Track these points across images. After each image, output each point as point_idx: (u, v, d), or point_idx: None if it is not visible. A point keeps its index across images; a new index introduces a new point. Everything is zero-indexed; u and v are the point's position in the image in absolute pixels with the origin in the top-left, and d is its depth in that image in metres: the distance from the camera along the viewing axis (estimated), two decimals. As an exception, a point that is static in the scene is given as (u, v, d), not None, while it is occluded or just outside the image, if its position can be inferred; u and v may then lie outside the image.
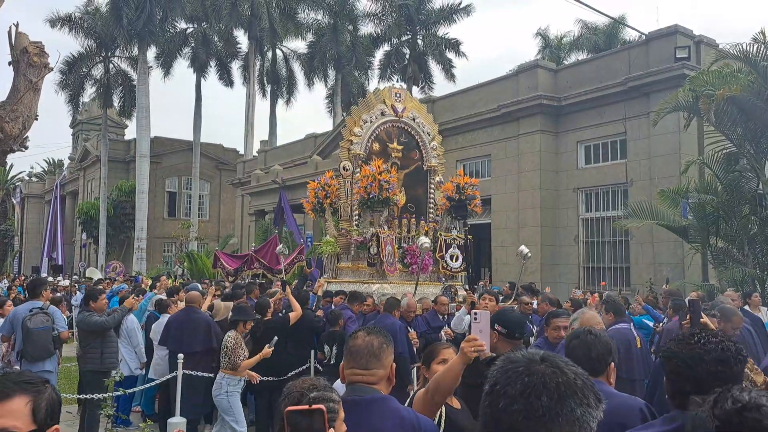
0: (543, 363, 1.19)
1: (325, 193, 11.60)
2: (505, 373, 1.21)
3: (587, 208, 18.03)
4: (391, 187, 10.58)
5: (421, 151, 12.04)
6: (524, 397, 1.14)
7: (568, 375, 1.16)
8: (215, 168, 42.90)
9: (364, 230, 10.98)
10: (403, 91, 12.32)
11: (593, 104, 17.36)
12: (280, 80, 39.21)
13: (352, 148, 11.37)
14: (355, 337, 2.56)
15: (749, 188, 12.08)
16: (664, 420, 1.84)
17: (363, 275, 10.88)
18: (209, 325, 7.61)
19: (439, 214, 11.88)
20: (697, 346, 1.80)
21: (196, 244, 32.10)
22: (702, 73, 12.10)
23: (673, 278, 14.06)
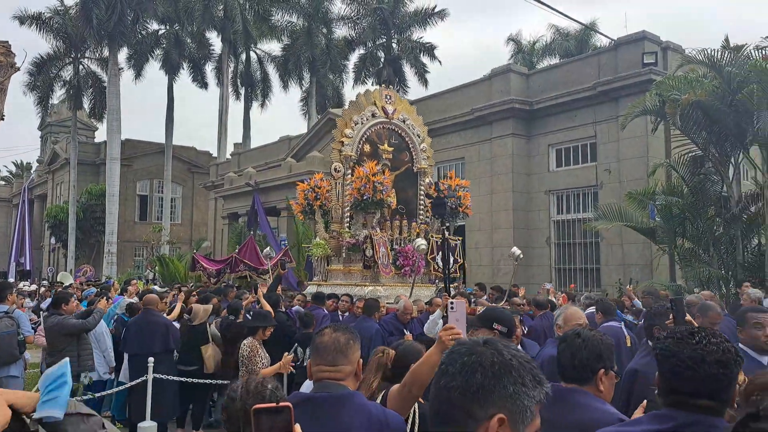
0: (484, 345, 1.26)
1: (315, 195, 11.52)
2: (450, 355, 1.28)
3: (558, 210, 18.28)
4: (384, 189, 10.60)
5: (411, 153, 12.07)
6: (461, 375, 1.20)
7: (504, 356, 1.23)
8: (188, 171, 42.46)
9: (357, 232, 10.95)
10: (393, 93, 12.38)
11: (564, 108, 17.62)
12: (255, 83, 39.00)
13: (343, 149, 11.33)
14: (321, 334, 2.58)
15: (714, 190, 12.38)
16: (655, 417, 1.81)
17: (355, 278, 10.81)
18: (167, 327, 7.58)
19: (430, 215, 11.92)
20: (699, 346, 1.76)
21: (168, 248, 31.71)
22: (668, 78, 12.38)
23: (641, 279, 14.33)
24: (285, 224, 23.32)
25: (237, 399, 2.13)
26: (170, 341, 7.56)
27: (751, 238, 12.28)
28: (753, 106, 10.61)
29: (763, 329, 3.75)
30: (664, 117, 12.43)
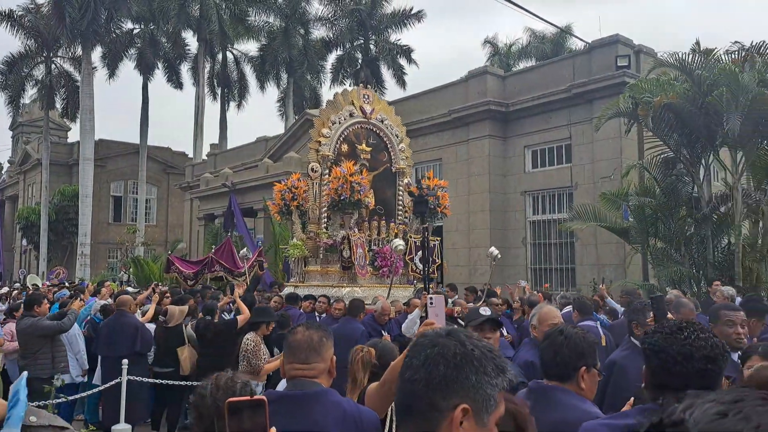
0: (447, 337, 1.26)
1: (291, 195, 11.34)
2: (414, 347, 1.29)
3: (534, 210, 18.45)
4: (362, 189, 10.52)
5: (390, 153, 12.01)
6: (425, 367, 1.22)
7: (466, 346, 1.24)
8: (163, 172, 41.99)
9: (334, 233, 10.86)
10: (371, 93, 12.31)
11: (540, 110, 17.79)
12: (231, 83, 38.73)
13: (320, 149, 11.23)
14: (294, 332, 2.58)
15: (685, 191, 12.61)
16: (641, 411, 1.82)
17: (332, 279, 10.74)
18: (136, 329, 7.50)
19: (408, 216, 11.88)
20: (687, 342, 1.77)
21: (143, 249, 31.31)
22: (641, 81, 12.58)
23: (615, 278, 14.53)
24: (262, 225, 23.20)
25: (207, 395, 2.12)
26: (137, 344, 7.47)
27: (721, 237, 12.53)
28: (722, 109, 10.83)
29: (734, 327, 3.83)
30: (636, 119, 12.64)
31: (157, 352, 7.75)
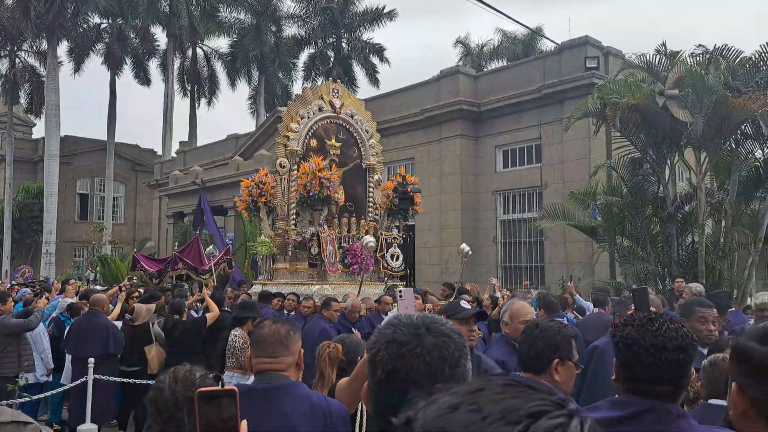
0: (429, 333, 1.17)
1: (259, 191, 11.07)
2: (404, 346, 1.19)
3: (505, 210, 18.63)
4: (331, 185, 10.33)
5: (360, 149, 11.82)
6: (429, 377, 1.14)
7: (452, 337, 1.18)
8: (131, 169, 41.30)
9: (303, 230, 10.66)
10: (341, 87, 12.07)
11: (510, 110, 17.97)
12: (201, 80, 38.26)
13: (288, 144, 11.02)
14: (261, 327, 2.57)
15: (651, 191, 12.86)
16: (613, 404, 1.82)
17: (301, 276, 10.57)
18: (107, 330, 7.38)
19: (379, 213, 11.72)
20: (659, 333, 1.78)
21: (110, 248, 30.75)
22: (609, 82, 12.79)
23: (583, 276, 14.76)
24: (232, 223, 22.99)
25: (165, 388, 2.09)
26: (110, 345, 7.36)
27: (685, 236, 12.81)
28: (687, 110, 11.07)
29: (706, 324, 3.93)
30: (605, 119, 12.84)
31: (124, 351, 7.63)
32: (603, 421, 1.80)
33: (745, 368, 1.25)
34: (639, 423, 1.72)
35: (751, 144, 12.16)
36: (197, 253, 15.03)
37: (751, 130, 11.65)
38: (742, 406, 1.24)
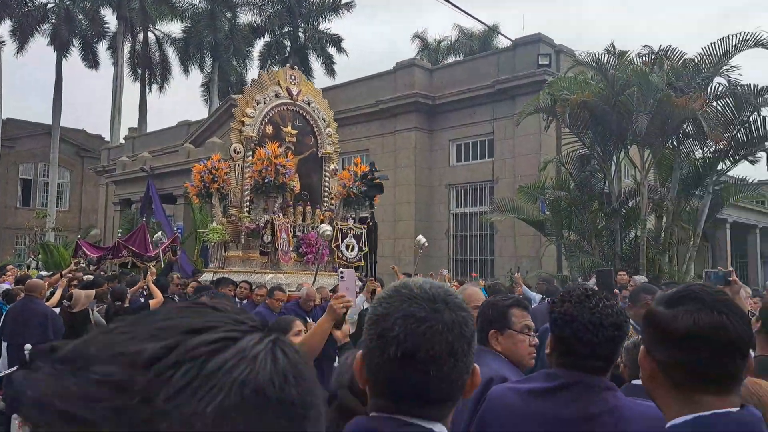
0: (441, 309, 1.07)
1: (212, 177, 10.79)
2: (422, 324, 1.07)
3: (458, 203, 18.84)
4: (288, 172, 10.16)
5: (316, 137, 11.66)
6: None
7: (465, 319, 1.09)
8: (77, 155, 39.97)
9: (257, 217, 10.44)
10: (298, 74, 11.86)
11: (465, 104, 18.15)
12: (153, 65, 37.26)
13: (244, 129, 10.76)
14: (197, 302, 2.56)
15: (598, 186, 13.23)
16: (546, 375, 1.86)
17: (254, 265, 10.37)
18: (46, 317, 7.14)
19: (334, 203, 11.61)
20: (596, 309, 1.80)
21: (54, 235, 29.72)
22: (559, 79, 13.08)
23: (531, 269, 15.06)
24: (182, 211, 22.53)
25: None
26: (49, 332, 7.11)
27: (629, 231, 13.22)
28: (633, 108, 11.41)
29: None
30: (555, 116, 13.11)
31: (62, 339, 7.39)
32: (534, 391, 1.85)
33: (651, 331, 1.29)
34: (566, 394, 1.77)
35: (692, 143, 12.63)
36: (143, 241, 14.71)
37: (693, 130, 12.09)
38: (649, 368, 1.28)
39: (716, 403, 1.20)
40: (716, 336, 1.20)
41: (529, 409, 1.82)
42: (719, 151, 12.29)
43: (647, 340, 1.32)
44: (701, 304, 1.22)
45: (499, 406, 1.91)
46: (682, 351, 1.21)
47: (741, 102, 11.64)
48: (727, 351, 1.20)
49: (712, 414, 1.19)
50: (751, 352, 3.42)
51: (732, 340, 1.20)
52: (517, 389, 1.91)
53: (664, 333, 1.25)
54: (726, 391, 1.22)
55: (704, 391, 1.21)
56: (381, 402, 1.06)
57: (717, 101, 12.09)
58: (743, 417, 1.20)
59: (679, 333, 1.22)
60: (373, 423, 1.05)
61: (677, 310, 1.24)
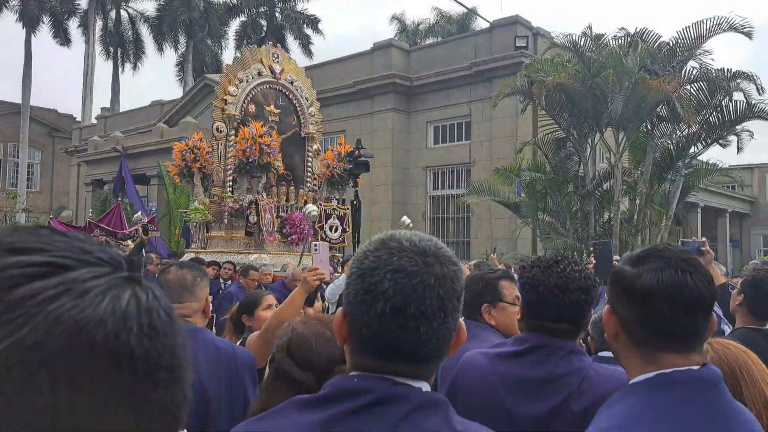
0: (432, 260, 1.00)
1: (194, 156, 10.62)
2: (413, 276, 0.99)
3: (435, 186, 18.86)
4: (272, 152, 10.02)
5: (299, 117, 11.51)
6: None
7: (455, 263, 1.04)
8: (48, 135, 39.09)
9: (240, 197, 10.32)
10: (281, 52, 11.68)
11: (442, 86, 18.10)
12: (126, 43, 36.49)
13: (226, 108, 10.60)
14: (167, 272, 2.53)
15: (573, 169, 13.32)
16: (515, 340, 1.90)
17: (237, 245, 10.28)
18: None
19: (318, 183, 11.50)
20: (564, 274, 1.82)
21: (24, 216, 29.14)
22: (536, 61, 13.08)
23: (506, 251, 15.17)
24: (155, 192, 22.21)
25: None
26: None
27: (603, 213, 13.36)
28: (608, 90, 11.48)
29: None
30: (531, 98, 13.14)
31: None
32: (502, 354, 1.89)
33: (616, 289, 1.29)
34: (533, 356, 1.80)
35: (665, 126, 12.76)
36: (119, 220, 14.48)
37: (667, 113, 12.21)
38: (613, 327, 1.28)
39: (678, 361, 1.20)
40: (679, 294, 1.19)
41: (497, 370, 1.85)
42: (692, 134, 12.45)
43: (612, 299, 1.32)
44: (665, 263, 1.22)
45: (468, 370, 1.94)
46: (645, 308, 1.21)
47: (714, 86, 11.77)
48: (689, 309, 1.20)
49: (673, 371, 1.20)
50: (717, 312, 3.44)
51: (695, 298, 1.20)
52: (487, 353, 1.96)
53: (627, 291, 1.25)
54: (688, 349, 1.22)
55: (666, 349, 1.21)
56: (365, 361, 1.00)
57: (690, 85, 12.21)
58: (702, 375, 1.20)
59: (642, 290, 1.22)
60: (359, 383, 0.98)
61: (642, 268, 1.24)
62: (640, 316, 1.23)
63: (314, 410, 0.98)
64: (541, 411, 1.72)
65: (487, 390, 1.83)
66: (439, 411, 0.98)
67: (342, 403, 0.96)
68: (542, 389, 1.74)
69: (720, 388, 1.20)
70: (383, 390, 0.96)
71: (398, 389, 0.97)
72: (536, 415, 1.73)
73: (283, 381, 1.60)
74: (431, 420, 0.96)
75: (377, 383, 0.97)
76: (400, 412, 0.94)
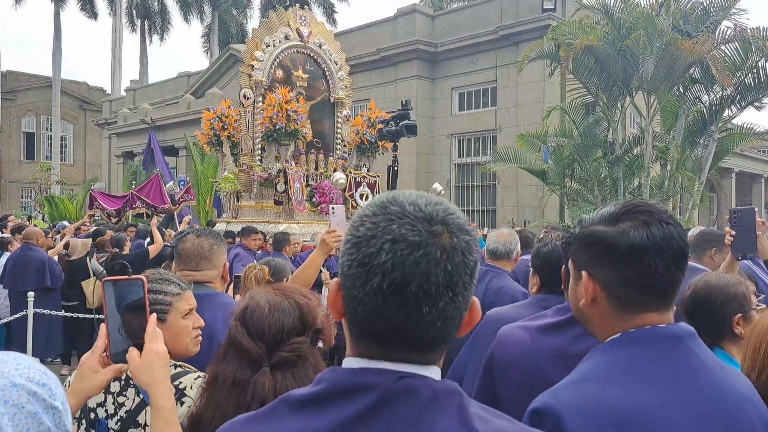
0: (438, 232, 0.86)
1: (222, 125, 10.37)
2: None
3: (459, 153, 18.68)
4: (299, 118, 9.72)
5: (328, 82, 11.13)
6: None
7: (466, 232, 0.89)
8: (79, 108, 39.71)
9: (269, 166, 10.09)
10: (309, 14, 11.23)
11: (467, 51, 17.78)
12: (152, 15, 36.60)
13: (253, 74, 10.30)
14: (184, 241, 2.59)
15: (602, 135, 13.05)
16: (557, 310, 1.85)
17: (268, 214, 10.09)
18: (43, 263, 7.20)
19: (348, 150, 11.22)
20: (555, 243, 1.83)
21: (59, 188, 29.82)
22: (564, 24, 12.74)
23: (533, 219, 15.05)
24: (184, 164, 22.49)
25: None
26: (46, 278, 7.19)
27: (632, 179, 13.11)
28: (639, 53, 11.15)
29: None
30: (559, 61, 12.85)
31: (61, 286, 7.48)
32: (542, 327, 1.81)
33: (594, 251, 1.22)
34: (575, 328, 1.69)
35: (698, 89, 12.38)
36: (158, 192, 14.52)
37: (700, 74, 11.84)
38: (591, 293, 1.21)
39: (656, 319, 1.18)
40: (669, 247, 1.16)
41: (537, 345, 1.78)
42: (725, 97, 12.06)
43: (585, 262, 1.23)
44: (649, 217, 1.17)
45: (506, 345, 1.86)
46: (634, 266, 1.16)
47: (749, 46, 11.34)
48: (678, 262, 1.17)
49: (651, 327, 1.17)
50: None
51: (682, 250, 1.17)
52: (527, 326, 1.87)
53: (610, 250, 1.18)
54: (667, 306, 1.19)
55: (647, 308, 1.18)
56: (364, 346, 0.88)
57: (725, 45, 11.78)
58: (671, 330, 1.17)
59: (630, 248, 1.16)
60: (359, 378, 0.85)
61: (624, 225, 1.17)
62: (628, 276, 1.17)
63: (310, 414, 0.85)
64: None
65: (527, 364, 1.77)
66: (451, 405, 0.85)
67: (341, 405, 0.84)
68: None
69: (689, 343, 1.16)
70: (387, 385, 0.84)
71: (404, 383, 0.84)
72: None
73: (234, 349, 1.52)
74: (446, 419, 0.83)
75: (380, 377, 0.85)
76: (410, 414, 0.82)
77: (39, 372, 0.90)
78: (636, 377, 1.12)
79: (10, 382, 0.85)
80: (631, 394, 1.09)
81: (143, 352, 1.33)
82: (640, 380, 1.11)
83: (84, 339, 7.75)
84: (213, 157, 19.39)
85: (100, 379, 1.33)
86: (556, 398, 1.12)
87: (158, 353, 1.34)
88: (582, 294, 1.23)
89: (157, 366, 1.33)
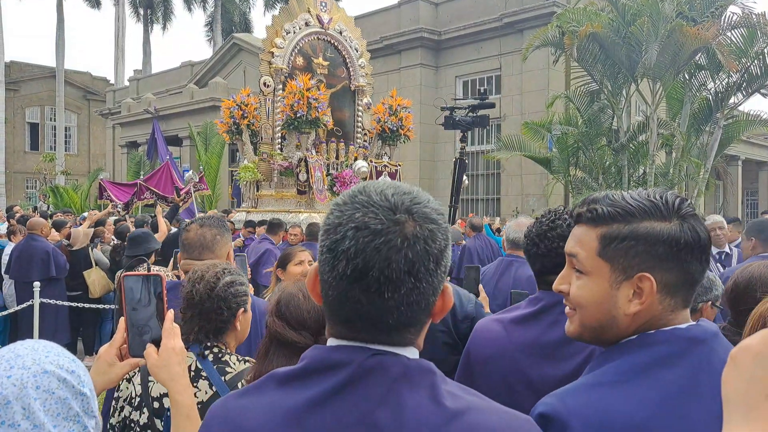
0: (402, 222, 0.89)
1: (241, 113, 10.26)
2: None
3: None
4: (320, 106, 9.56)
5: (349, 69, 10.97)
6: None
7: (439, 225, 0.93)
8: (83, 98, 39.69)
9: (290, 154, 9.96)
10: (329, 0, 10.96)
11: (471, 39, 17.69)
12: (155, 4, 36.49)
13: (273, 61, 10.14)
14: (187, 230, 2.58)
15: (606, 122, 12.97)
16: (530, 301, 1.84)
17: (288, 204, 10.00)
18: (48, 254, 7.22)
19: (369, 138, 11.06)
20: (544, 222, 1.81)
21: (63, 178, 29.90)
22: (568, 11, 12.63)
23: (537, 207, 15.02)
24: (188, 153, 22.50)
25: (189, 281, 1.95)
26: (51, 268, 7.21)
27: (637, 167, 13.04)
28: (643, 39, 11.05)
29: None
30: (563, 49, 12.75)
31: (65, 274, 7.52)
32: (516, 319, 1.80)
33: (655, 250, 1.11)
34: (547, 317, 1.72)
35: (703, 75, 12.28)
36: (168, 181, 14.32)
37: (705, 61, 11.74)
38: (649, 294, 1.11)
39: (681, 318, 1.12)
40: (708, 242, 1.13)
41: (510, 337, 1.77)
42: (731, 84, 11.96)
43: (644, 265, 1.12)
44: (685, 212, 1.12)
45: (481, 339, 1.85)
46: (687, 264, 1.10)
47: (755, 32, 11.23)
48: (707, 256, 1.13)
49: (672, 329, 1.11)
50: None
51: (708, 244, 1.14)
52: (500, 319, 1.85)
53: (672, 248, 1.09)
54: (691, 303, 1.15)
55: (683, 305, 1.13)
56: (339, 328, 0.92)
57: (731, 31, 11.66)
58: (695, 332, 1.11)
59: (686, 245, 1.09)
60: (336, 355, 0.90)
61: (673, 223, 1.10)
62: (687, 272, 1.10)
63: (293, 388, 0.90)
64: (561, 373, 1.62)
65: (503, 358, 1.75)
66: (423, 381, 0.88)
67: (320, 380, 0.88)
68: (561, 350, 1.65)
69: (713, 344, 1.10)
70: (360, 361, 0.88)
71: (377, 360, 0.88)
72: (556, 377, 1.61)
73: (278, 345, 1.51)
74: (415, 394, 0.86)
75: (354, 354, 0.89)
76: (381, 387, 0.86)
77: (68, 359, 0.97)
78: (651, 384, 1.06)
79: (42, 369, 0.91)
80: (642, 404, 1.04)
81: (160, 348, 1.34)
82: (655, 387, 1.06)
83: (88, 328, 7.80)
84: (217, 146, 19.42)
85: (116, 373, 1.34)
86: (565, 405, 1.08)
87: (175, 349, 1.35)
88: (626, 299, 1.13)
89: (174, 362, 1.34)
